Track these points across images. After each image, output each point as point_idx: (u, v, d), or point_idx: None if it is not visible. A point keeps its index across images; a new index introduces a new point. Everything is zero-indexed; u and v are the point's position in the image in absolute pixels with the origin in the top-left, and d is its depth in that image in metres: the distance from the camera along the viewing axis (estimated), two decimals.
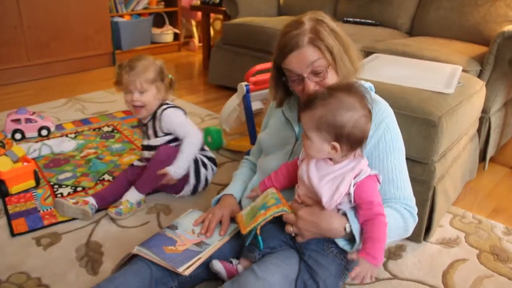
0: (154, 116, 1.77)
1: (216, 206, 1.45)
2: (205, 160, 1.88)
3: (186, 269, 1.20)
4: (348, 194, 1.11)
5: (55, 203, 1.73)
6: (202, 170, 1.85)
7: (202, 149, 1.90)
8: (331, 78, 1.22)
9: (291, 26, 1.21)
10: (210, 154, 1.94)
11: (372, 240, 1.08)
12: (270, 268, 1.16)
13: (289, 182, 1.30)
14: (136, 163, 1.90)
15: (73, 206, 1.68)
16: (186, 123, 1.77)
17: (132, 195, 1.74)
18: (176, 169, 1.73)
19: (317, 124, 1.10)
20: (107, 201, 1.76)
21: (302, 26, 1.19)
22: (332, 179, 1.12)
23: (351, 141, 1.10)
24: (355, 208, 1.14)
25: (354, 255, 1.08)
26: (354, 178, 1.11)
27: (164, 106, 1.76)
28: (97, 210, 1.74)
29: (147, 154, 1.83)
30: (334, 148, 1.11)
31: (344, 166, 1.13)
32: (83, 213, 1.68)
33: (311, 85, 1.21)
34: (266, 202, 1.25)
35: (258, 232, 1.22)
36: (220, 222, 1.40)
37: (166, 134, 1.77)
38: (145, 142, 1.84)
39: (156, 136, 1.78)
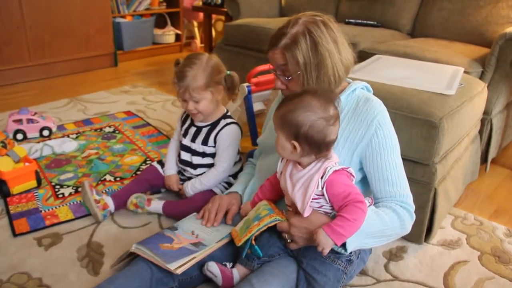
0: (214, 125, 1.70)
1: (216, 196, 1.50)
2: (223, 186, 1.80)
3: (178, 268, 1.19)
4: (322, 195, 1.12)
5: (82, 185, 1.73)
6: (218, 191, 1.77)
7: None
8: (295, 85, 1.26)
9: (285, 24, 1.25)
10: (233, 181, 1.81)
11: (343, 219, 1.08)
12: (267, 279, 1.16)
13: (276, 195, 1.32)
14: (154, 164, 1.87)
15: (92, 204, 1.67)
16: (231, 151, 1.70)
17: (155, 208, 1.72)
18: (192, 188, 1.73)
19: (281, 122, 1.12)
20: (124, 203, 1.75)
21: (290, 27, 1.22)
22: (302, 185, 1.14)
23: (309, 142, 1.10)
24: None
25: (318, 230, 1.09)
26: (322, 177, 1.12)
27: (228, 120, 1.70)
28: None
29: (184, 155, 1.77)
30: (294, 147, 1.12)
31: (311, 169, 1.14)
32: (95, 215, 1.68)
33: (279, 82, 1.29)
34: (259, 213, 1.26)
35: (253, 242, 1.22)
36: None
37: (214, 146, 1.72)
38: (186, 142, 1.76)
39: (205, 144, 1.71)
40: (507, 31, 2.07)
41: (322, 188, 1.11)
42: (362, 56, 2.39)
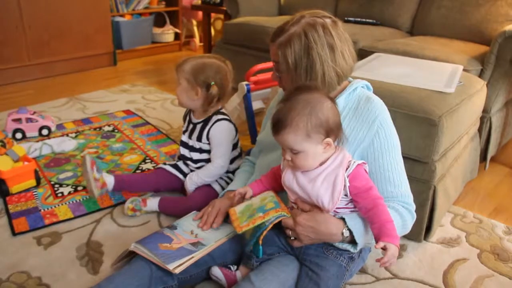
0: (206, 122, 1.73)
1: (217, 199, 1.48)
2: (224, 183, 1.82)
3: (176, 268, 1.19)
4: (344, 188, 1.11)
5: (83, 160, 1.67)
6: (217, 187, 1.78)
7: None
8: (285, 83, 1.27)
9: (288, 20, 1.25)
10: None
11: (384, 224, 1.08)
12: (267, 277, 1.16)
13: (279, 186, 1.30)
14: (166, 167, 1.85)
15: (91, 182, 1.64)
16: (225, 147, 1.72)
17: (151, 206, 1.73)
18: (190, 182, 1.76)
19: (306, 132, 1.08)
20: (123, 189, 1.77)
21: (290, 25, 1.23)
22: (325, 179, 1.12)
23: (337, 128, 1.12)
24: (351, 206, 1.15)
25: (380, 245, 1.06)
26: (346, 170, 1.11)
27: (220, 117, 1.72)
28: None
29: (182, 150, 1.81)
30: (328, 144, 1.11)
31: (332, 163, 1.13)
32: (91, 191, 1.66)
33: (274, 75, 1.31)
34: (264, 204, 1.23)
35: (260, 242, 1.21)
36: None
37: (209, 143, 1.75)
38: (185, 139, 1.80)
39: (199, 140, 1.75)
40: (507, 29, 2.07)
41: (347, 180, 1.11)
42: (361, 54, 2.39)
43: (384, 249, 1.05)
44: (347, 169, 1.11)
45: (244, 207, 1.28)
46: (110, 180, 1.72)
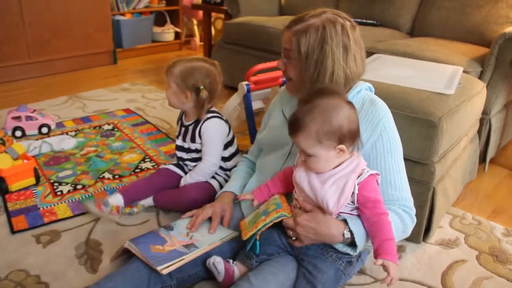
0: (197, 122, 1.73)
1: (208, 205, 1.45)
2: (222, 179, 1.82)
3: (164, 269, 1.19)
4: (352, 194, 1.11)
5: (86, 207, 1.63)
6: (213, 181, 1.78)
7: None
8: (292, 72, 1.28)
9: (309, 12, 1.26)
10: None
11: (386, 242, 1.08)
12: (266, 277, 1.16)
13: (287, 188, 1.30)
14: (169, 166, 1.85)
15: (109, 217, 1.63)
16: (215, 144, 1.72)
17: (146, 200, 1.74)
18: (185, 183, 1.76)
19: (317, 138, 1.08)
20: (133, 199, 1.73)
21: (310, 16, 1.23)
22: (334, 183, 1.11)
23: (352, 136, 1.10)
24: (355, 213, 1.14)
25: (379, 262, 1.07)
26: (357, 178, 1.11)
27: (209, 115, 1.72)
28: None
29: (179, 154, 1.81)
30: (341, 150, 1.10)
31: (345, 167, 1.12)
32: (111, 220, 1.67)
33: (280, 62, 1.31)
34: (267, 208, 1.25)
35: (257, 237, 1.22)
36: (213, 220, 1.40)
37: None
38: (179, 143, 1.80)
39: (193, 141, 1.75)
40: (507, 31, 2.07)
41: (357, 187, 1.11)
42: None
43: (382, 265, 1.06)
44: (359, 176, 1.11)
45: (252, 216, 1.30)
46: (119, 200, 1.67)
